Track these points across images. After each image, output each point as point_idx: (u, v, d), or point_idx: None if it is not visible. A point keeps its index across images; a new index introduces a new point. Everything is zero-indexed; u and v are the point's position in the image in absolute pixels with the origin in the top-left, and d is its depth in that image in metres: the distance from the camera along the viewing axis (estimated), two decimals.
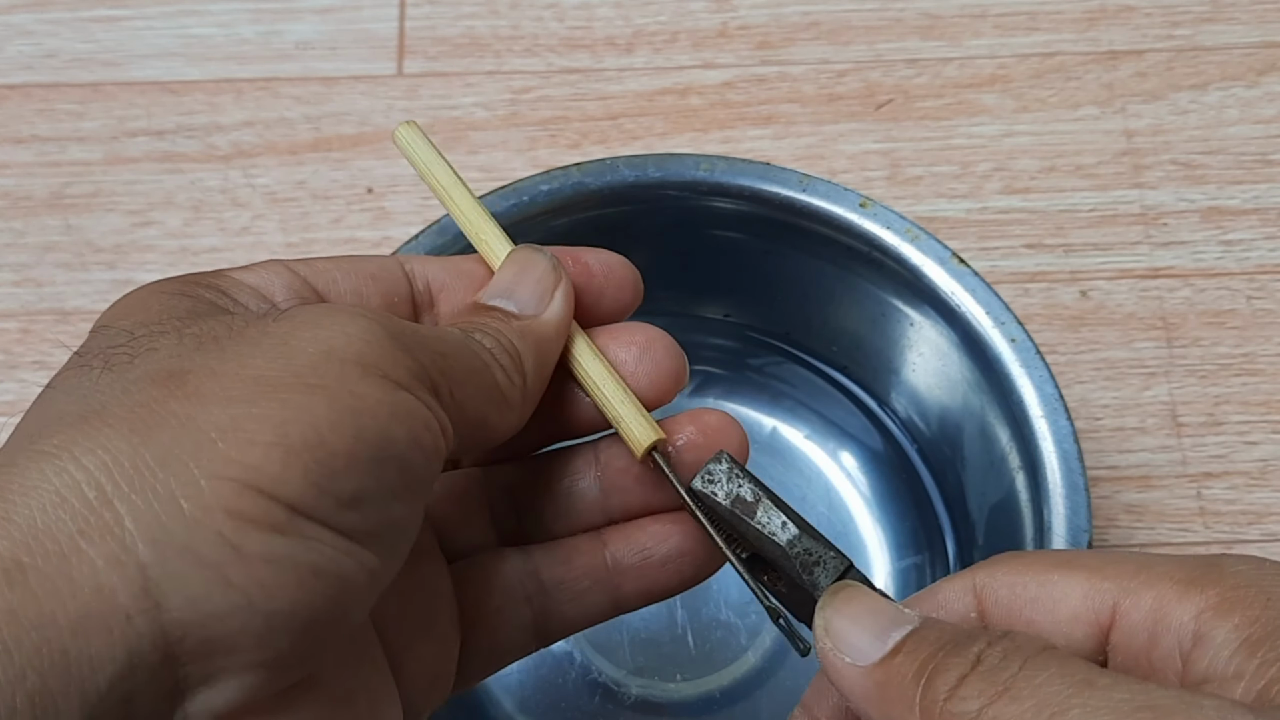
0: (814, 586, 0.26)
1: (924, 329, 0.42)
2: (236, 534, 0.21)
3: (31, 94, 0.55)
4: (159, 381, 0.23)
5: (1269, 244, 0.52)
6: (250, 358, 0.23)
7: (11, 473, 0.21)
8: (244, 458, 0.21)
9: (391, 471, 0.23)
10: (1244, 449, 0.48)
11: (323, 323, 0.24)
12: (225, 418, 0.22)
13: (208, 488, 0.21)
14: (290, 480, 0.22)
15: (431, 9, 0.57)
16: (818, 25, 0.56)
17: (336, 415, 0.23)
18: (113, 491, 0.21)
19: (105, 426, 0.22)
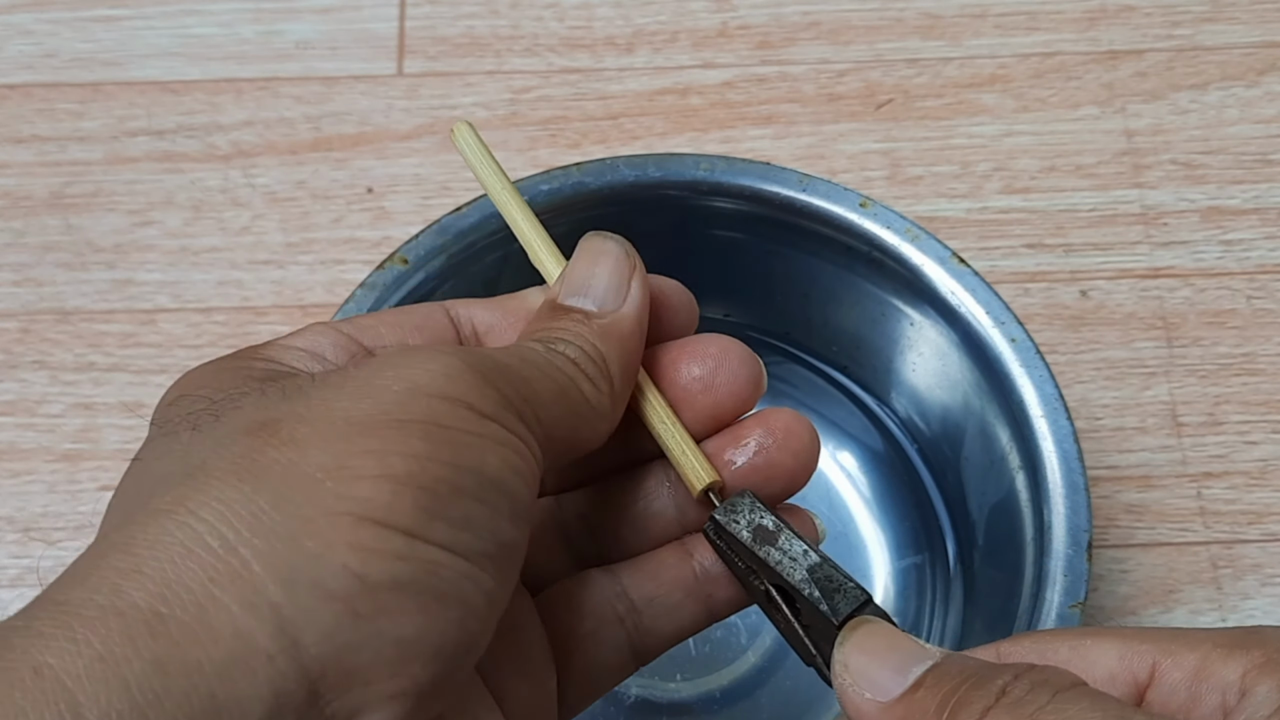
0: (835, 614, 0.26)
1: (924, 329, 0.42)
2: (361, 565, 0.21)
3: (31, 94, 0.55)
4: (252, 432, 0.23)
5: (1269, 244, 0.52)
6: (336, 401, 0.24)
7: (133, 530, 0.22)
8: (353, 493, 0.22)
9: (494, 495, 0.24)
10: (1244, 449, 0.48)
11: (404, 362, 0.25)
12: (326, 458, 0.22)
13: (326, 524, 0.22)
14: (402, 509, 0.22)
15: (431, 9, 0.57)
16: (818, 25, 0.56)
17: (432, 446, 0.23)
18: (235, 539, 0.21)
19: (213, 480, 0.22)
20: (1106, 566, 0.46)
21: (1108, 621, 0.45)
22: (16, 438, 0.49)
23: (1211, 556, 0.46)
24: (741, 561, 0.28)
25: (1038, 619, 0.35)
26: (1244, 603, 0.46)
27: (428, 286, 0.40)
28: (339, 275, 0.51)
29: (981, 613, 0.42)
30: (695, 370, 0.29)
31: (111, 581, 0.21)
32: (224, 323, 0.50)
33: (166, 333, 0.50)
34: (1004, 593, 0.38)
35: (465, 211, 0.41)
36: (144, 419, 0.52)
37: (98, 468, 0.48)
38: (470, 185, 0.53)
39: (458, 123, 0.32)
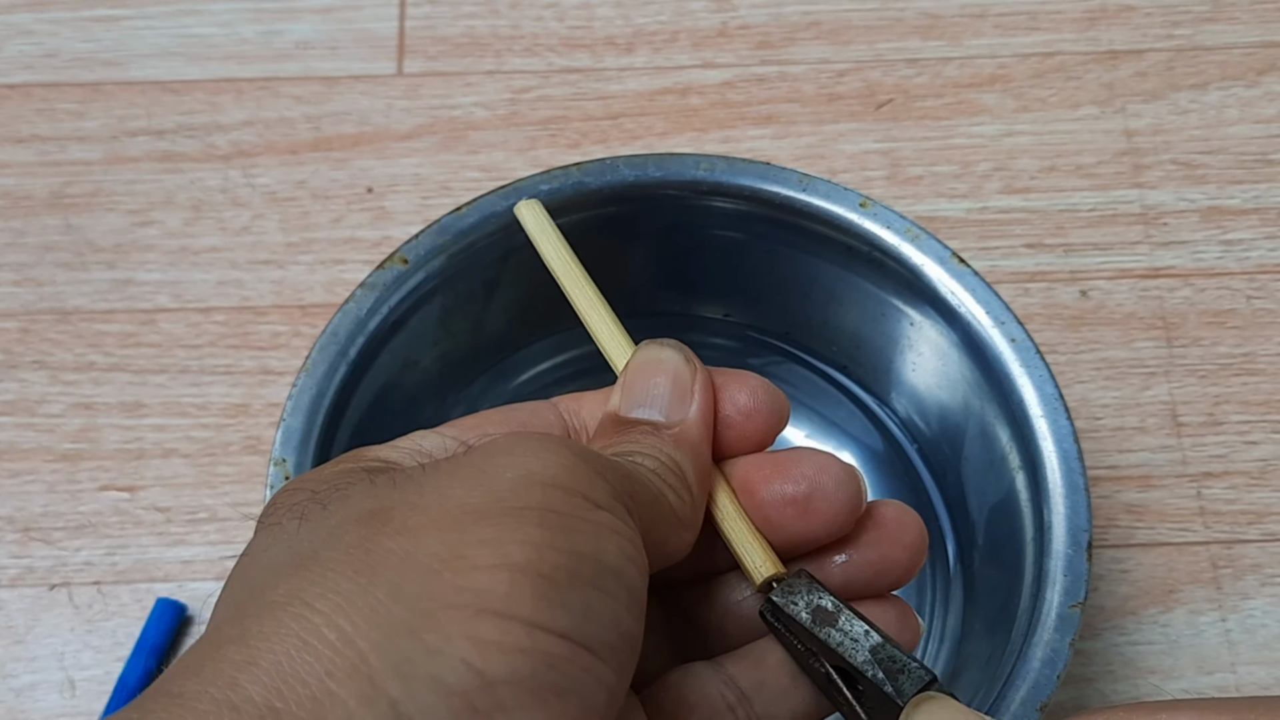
0: (899, 695, 0.26)
1: (924, 329, 0.42)
2: (480, 659, 0.21)
3: (31, 94, 0.55)
4: (363, 521, 0.23)
5: (1269, 244, 0.52)
6: (449, 488, 0.23)
7: (247, 623, 0.21)
8: (472, 584, 0.21)
9: (613, 584, 0.23)
10: (1244, 449, 0.48)
11: (516, 450, 0.24)
12: (442, 548, 0.22)
13: (444, 617, 0.21)
14: (521, 598, 0.21)
15: (431, 9, 0.57)
16: (818, 25, 0.56)
17: (550, 534, 0.22)
18: (353, 631, 0.21)
19: (327, 571, 0.22)
20: (1106, 566, 0.46)
21: (1107, 622, 0.45)
22: (16, 438, 0.49)
23: (1211, 556, 0.46)
24: (800, 644, 0.28)
25: (1038, 619, 0.35)
26: (1244, 603, 0.46)
27: (428, 286, 0.40)
28: (339, 275, 0.51)
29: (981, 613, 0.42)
30: (787, 490, 0.28)
31: (227, 674, 0.20)
32: (224, 322, 0.50)
33: (166, 333, 0.50)
34: (1004, 593, 0.38)
35: (465, 211, 0.41)
36: (144, 419, 0.52)
37: (98, 468, 0.48)
38: (469, 185, 0.53)
39: (525, 200, 0.31)
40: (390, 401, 0.41)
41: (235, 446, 0.48)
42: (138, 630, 0.45)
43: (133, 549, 0.47)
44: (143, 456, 0.48)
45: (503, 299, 0.43)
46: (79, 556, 0.47)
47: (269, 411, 0.49)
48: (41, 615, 0.46)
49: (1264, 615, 0.46)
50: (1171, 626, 0.45)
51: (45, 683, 0.45)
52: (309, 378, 0.38)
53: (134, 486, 0.48)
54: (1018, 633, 0.36)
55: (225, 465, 0.48)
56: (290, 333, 0.50)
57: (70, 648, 0.45)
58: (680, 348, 0.29)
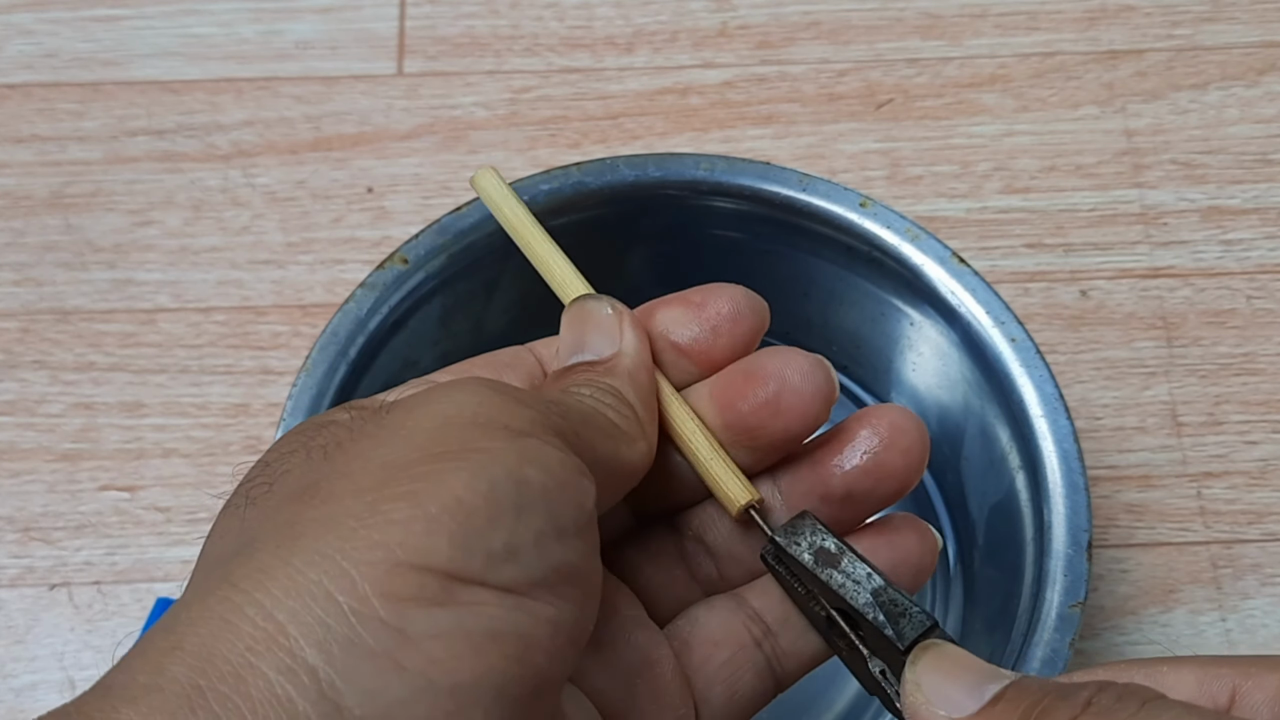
0: (900, 638, 0.26)
1: (924, 328, 0.42)
2: (397, 616, 0.21)
3: (31, 93, 0.55)
4: (296, 498, 0.23)
5: (1269, 244, 0.52)
6: (373, 449, 0.23)
7: (179, 611, 0.22)
8: (386, 537, 0.21)
9: (538, 517, 0.23)
10: (1244, 449, 0.48)
11: (434, 397, 0.24)
12: (360, 506, 0.22)
13: (357, 575, 0.21)
14: (437, 548, 0.21)
15: (431, 8, 0.57)
16: (818, 25, 0.56)
17: (467, 474, 0.22)
18: (271, 605, 0.21)
19: (255, 552, 0.22)
20: (1106, 566, 0.46)
21: (1107, 621, 0.45)
22: (16, 437, 0.49)
23: (1211, 556, 0.46)
24: (801, 586, 0.28)
25: (1038, 619, 0.35)
26: (1244, 603, 0.46)
27: (428, 286, 0.40)
28: (339, 275, 0.51)
29: (981, 612, 0.42)
30: (759, 394, 0.28)
31: (154, 661, 0.21)
32: (224, 322, 0.50)
33: (166, 332, 0.50)
34: (1004, 592, 0.38)
35: (465, 211, 0.41)
36: (144, 419, 0.52)
37: (97, 467, 0.48)
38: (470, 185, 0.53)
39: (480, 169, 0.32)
40: None
41: (235, 446, 0.48)
42: (138, 630, 0.45)
43: (133, 549, 0.47)
44: (143, 456, 0.48)
45: (503, 299, 0.43)
46: (79, 556, 0.47)
47: (269, 411, 0.49)
48: (41, 615, 0.46)
49: (1264, 615, 0.46)
50: (1171, 626, 0.45)
51: (45, 683, 0.45)
52: (309, 378, 0.38)
53: (134, 486, 0.48)
54: (1018, 632, 0.36)
55: (225, 465, 0.48)
56: (290, 333, 0.50)
57: (70, 648, 0.45)
58: (602, 297, 0.29)
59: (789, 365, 0.28)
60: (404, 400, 0.25)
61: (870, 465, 0.28)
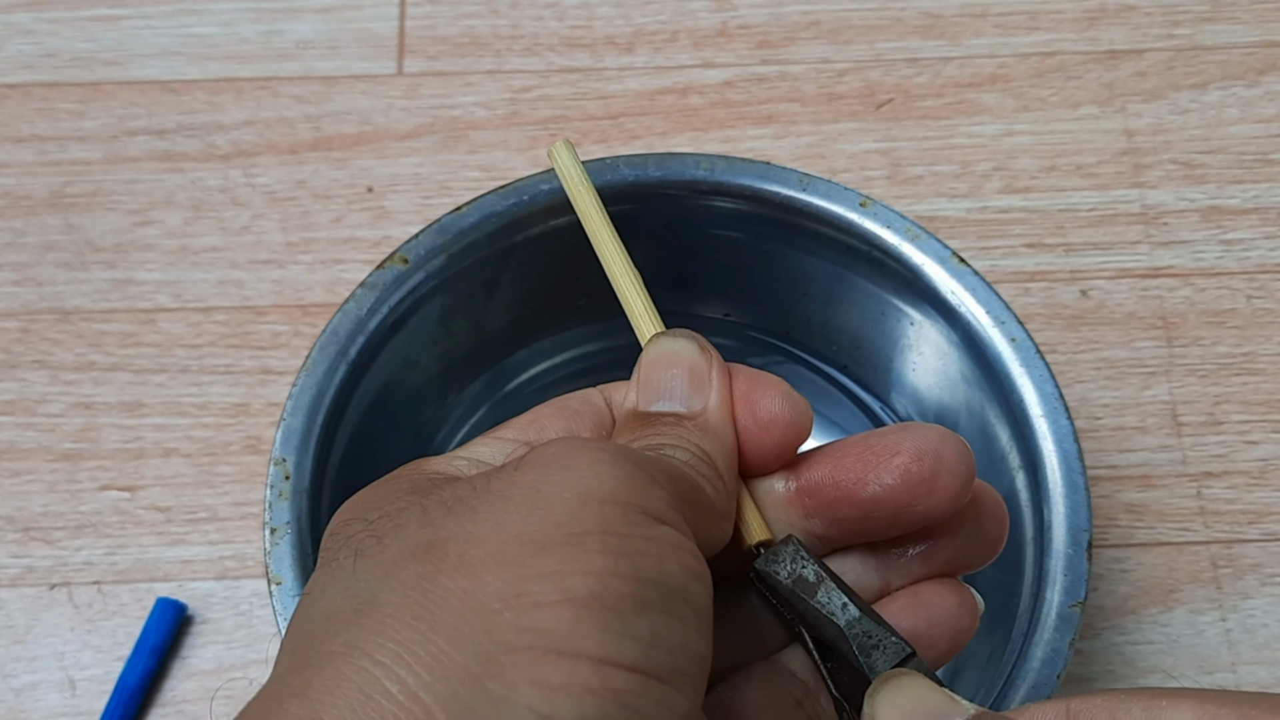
0: (870, 670, 0.26)
1: (924, 328, 0.42)
2: (548, 705, 0.20)
3: (31, 93, 0.55)
4: (418, 557, 0.22)
5: (1269, 244, 0.52)
6: (504, 514, 0.22)
7: (306, 675, 0.21)
8: (534, 623, 0.21)
9: (679, 606, 0.22)
10: (1244, 448, 0.48)
11: (569, 464, 0.23)
12: (502, 585, 0.21)
13: (507, 662, 0.20)
14: (587, 634, 0.21)
15: (431, 8, 0.57)
16: (818, 24, 0.56)
17: (612, 560, 0.22)
18: (415, 684, 0.20)
19: (385, 618, 0.21)
20: (1106, 566, 0.46)
21: (1107, 621, 0.45)
22: (16, 437, 0.49)
23: (1211, 556, 0.46)
24: (785, 611, 0.27)
25: (1038, 618, 0.35)
26: (1244, 603, 0.46)
27: (428, 286, 0.40)
28: (339, 275, 0.51)
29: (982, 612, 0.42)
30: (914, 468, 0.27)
31: None
32: (224, 322, 0.50)
33: (166, 332, 0.50)
34: (1004, 592, 0.38)
35: (465, 211, 0.41)
36: (144, 418, 0.52)
37: (97, 467, 0.48)
38: (470, 185, 0.53)
39: (558, 142, 0.31)
40: (390, 401, 0.41)
41: (235, 446, 0.48)
42: (138, 630, 0.45)
43: (133, 549, 0.47)
44: (143, 456, 0.48)
45: (503, 299, 0.43)
46: (79, 556, 0.47)
47: (269, 411, 0.49)
48: (41, 615, 0.46)
49: (1264, 615, 0.46)
50: (1171, 626, 0.45)
51: (45, 683, 0.45)
52: (309, 377, 0.38)
53: (134, 486, 0.48)
54: (1018, 632, 0.36)
55: (225, 465, 0.48)
56: (290, 332, 0.50)
57: (70, 648, 0.45)
58: (693, 336, 0.28)
59: (943, 445, 0.27)
60: (531, 463, 0.24)
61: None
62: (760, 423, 0.27)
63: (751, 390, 0.28)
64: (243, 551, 0.47)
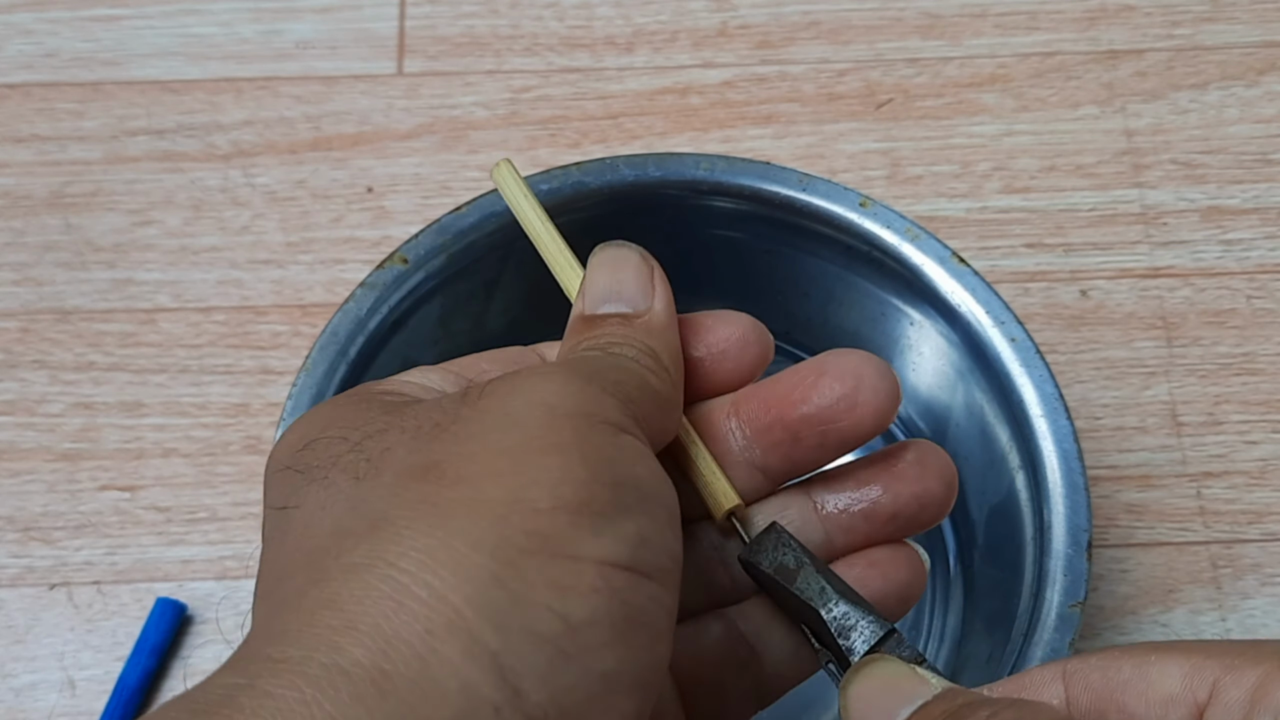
0: (850, 653, 0.26)
1: (924, 328, 0.42)
2: (562, 604, 0.21)
3: (31, 93, 0.55)
4: (419, 477, 0.23)
5: (1269, 244, 0.52)
6: (485, 435, 0.23)
7: (334, 587, 0.21)
8: (538, 527, 0.22)
9: (654, 507, 0.24)
10: (1244, 448, 0.48)
11: (529, 387, 0.24)
12: (502, 492, 0.22)
13: (522, 564, 0.21)
14: (583, 538, 0.22)
15: (431, 8, 0.57)
16: (818, 25, 0.56)
17: (591, 468, 0.23)
18: (441, 586, 0.21)
19: (402, 529, 0.22)
20: (1106, 566, 0.46)
21: (1107, 621, 0.45)
22: (16, 437, 0.49)
23: (1211, 556, 0.46)
24: (774, 599, 0.28)
25: (1038, 618, 0.35)
26: (1244, 602, 0.46)
27: (428, 286, 0.40)
28: (339, 275, 0.51)
29: (981, 612, 0.42)
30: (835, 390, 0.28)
31: (328, 639, 0.20)
32: (224, 322, 0.50)
33: (166, 332, 0.50)
34: (1004, 592, 0.38)
35: (465, 211, 0.41)
36: (144, 418, 0.52)
37: (97, 467, 0.48)
38: (469, 184, 0.53)
39: (499, 161, 0.32)
40: None
41: (235, 446, 0.48)
42: (138, 630, 0.45)
43: (133, 549, 0.47)
44: (143, 456, 0.48)
45: (503, 299, 0.43)
46: (79, 556, 0.47)
47: (269, 411, 0.49)
48: (41, 615, 0.46)
49: (1264, 615, 0.46)
50: (1171, 626, 0.45)
51: (45, 682, 0.45)
52: (309, 377, 0.38)
53: (134, 486, 0.48)
54: (1018, 632, 0.36)
55: (225, 465, 0.48)
56: (290, 332, 0.50)
57: (70, 647, 0.45)
58: (632, 246, 0.29)
59: (864, 365, 0.28)
60: (492, 391, 0.25)
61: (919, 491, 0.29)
62: (735, 343, 0.29)
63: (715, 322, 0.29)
64: (243, 551, 0.47)
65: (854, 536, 0.29)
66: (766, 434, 0.29)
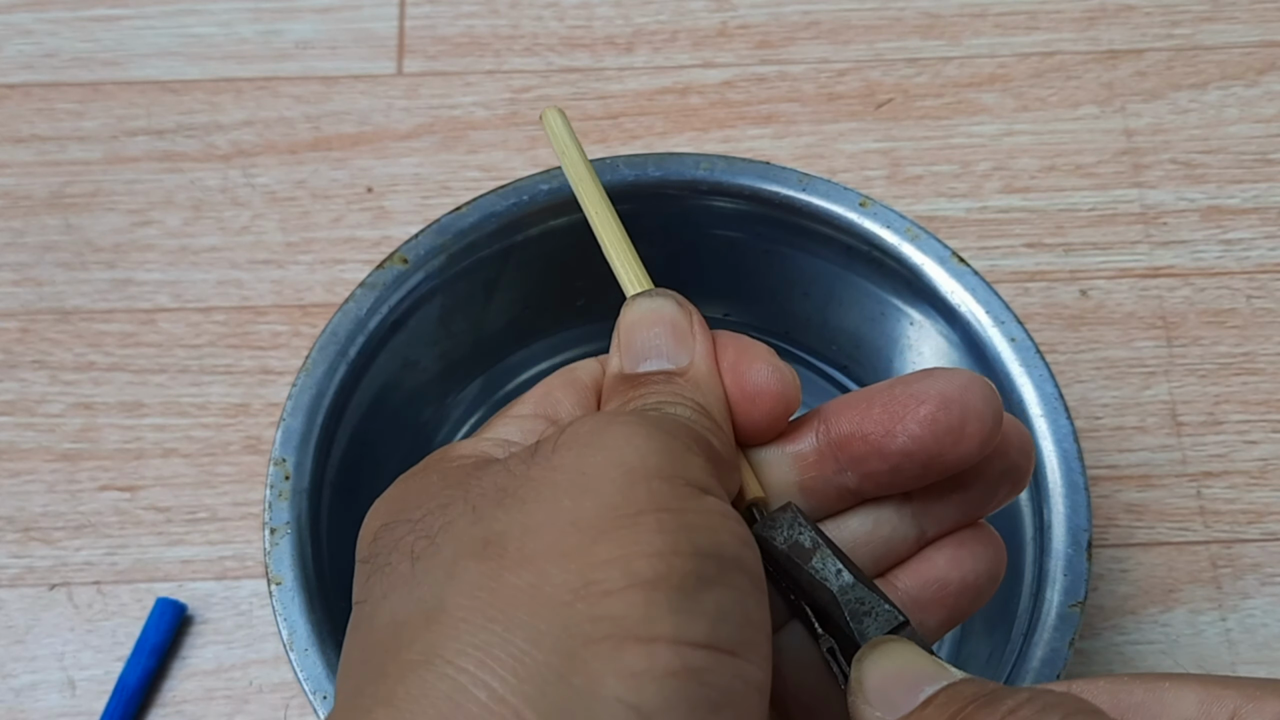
0: (861, 637, 0.25)
1: (924, 328, 0.42)
2: (634, 694, 0.20)
3: (31, 93, 0.55)
4: (478, 554, 0.22)
5: (1269, 243, 0.52)
6: (555, 502, 0.22)
7: (390, 685, 0.21)
8: (607, 612, 0.21)
9: (737, 576, 0.23)
10: (1244, 448, 0.48)
11: (607, 443, 0.23)
12: (569, 575, 0.21)
13: (588, 655, 0.20)
14: (659, 617, 0.21)
15: (431, 8, 0.57)
16: (818, 24, 0.56)
17: (670, 538, 0.22)
18: (501, 688, 0.20)
19: (459, 622, 0.21)
20: (1106, 566, 0.46)
21: (1107, 621, 0.45)
22: (16, 437, 0.49)
23: (1211, 556, 0.46)
24: (782, 580, 0.27)
25: (1038, 618, 0.35)
26: (1244, 602, 0.46)
27: (428, 286, 0.40)
28: (339, 275, 0.51)
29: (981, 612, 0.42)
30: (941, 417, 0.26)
31: None
32: (224, 322, 0.50)
33: (166, 332, 0.50)
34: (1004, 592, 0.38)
35: (465, 211, 0.41)
36: (144, 419, 0.52)
37: (97, 467, 0.48)
38: (469, 184, 0.53)
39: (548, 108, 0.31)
40: (390, 401, 0.41)
41: (235, 446, 0.48)
42: (138, 630, 0.45)
43: (133, 549, 0.47)
44: (143, 456, 0.48)
45: (503, 299, 0.43)
46: (79, 556, 0.47)
47: (269, 411, 0.49)
48: (41, 615, 0.46)
49: (1264, 614, 0.46)
50: (1171, 626, 0.45)
51: (45, 683, 0.45)
52: (309, 377, 0.38)
53: (134, 486, 0.48)
54: (1018, 632, 0.36)
55: (225, 465, 0.48)
56: (290, 332, 0.50)
57: (70, 648, 0.45)
58: (669, 294, 0.28)
59: (969, 391, 0.26)
60: (567, 444, 0.23)
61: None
62: (748, 394, 0.27)
63: (739, 361, 0.28)
64: (243, 551, 0.47)
65: (944, 524, 0.28)
66: (861, 464, 0.27)
